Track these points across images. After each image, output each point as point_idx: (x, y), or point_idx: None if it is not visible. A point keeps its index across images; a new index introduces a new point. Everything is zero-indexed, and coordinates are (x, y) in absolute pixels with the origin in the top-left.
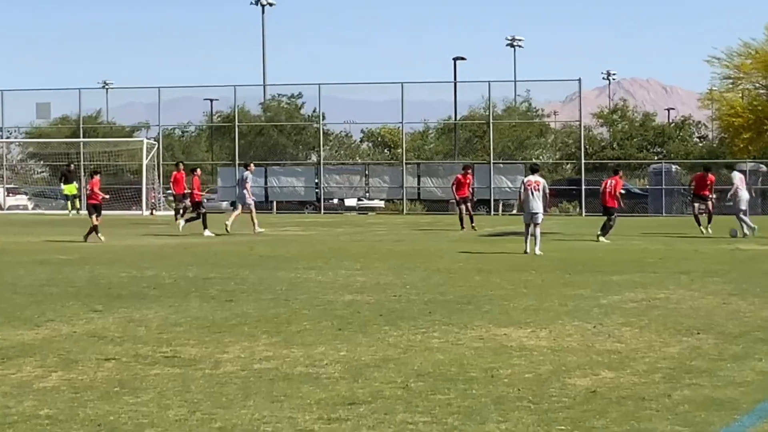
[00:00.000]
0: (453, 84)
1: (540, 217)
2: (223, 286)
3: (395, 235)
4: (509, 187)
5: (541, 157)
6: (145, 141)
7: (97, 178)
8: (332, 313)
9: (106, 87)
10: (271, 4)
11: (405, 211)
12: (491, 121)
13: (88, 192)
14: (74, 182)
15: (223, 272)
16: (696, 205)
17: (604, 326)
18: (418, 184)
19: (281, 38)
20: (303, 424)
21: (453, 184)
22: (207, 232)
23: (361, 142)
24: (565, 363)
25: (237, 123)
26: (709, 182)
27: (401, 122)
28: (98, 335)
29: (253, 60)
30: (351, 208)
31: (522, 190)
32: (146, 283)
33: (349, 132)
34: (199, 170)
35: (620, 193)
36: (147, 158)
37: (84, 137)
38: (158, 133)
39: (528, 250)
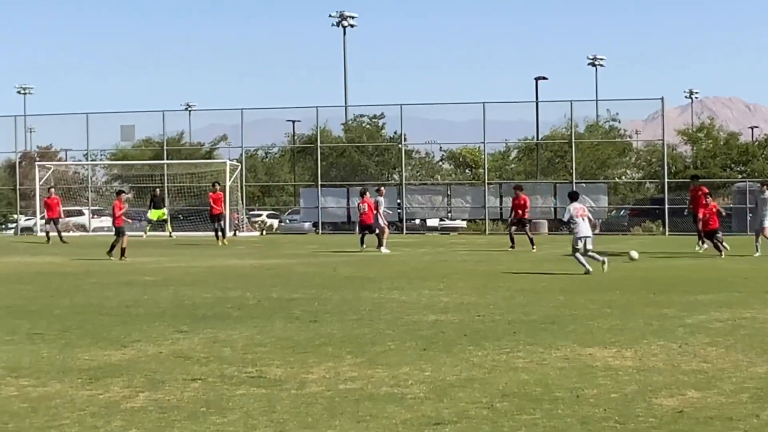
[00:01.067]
0: (535, 103)
1: (591, 241)
2: (307, 306)
3: (478, 256)
4: (592, 207)
5: (623, 176)
6: (228, 162)
7: (120, 198)
8: (416, 334)
9: (189, 109)
10: (352, 26)
11: (487, 231)
12: (573, 140)
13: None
14: (162, 207)
15: (306, 293)
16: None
17: (690, 346)
18: (501, 203)
19: (363, 59)
20: None
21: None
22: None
23: (442, 162)
24: (651, 383)
25: (319, 144)
26: None
27: (483, 142)
28: (184, 356)
29: (335, 81)
30: (433, 229)
31: (571, 217)
32: (230, 303)
33: (430, 152)
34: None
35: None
36: (230, 179)
37: (167, 159)
38: (241, 155)
39: (590, 269)
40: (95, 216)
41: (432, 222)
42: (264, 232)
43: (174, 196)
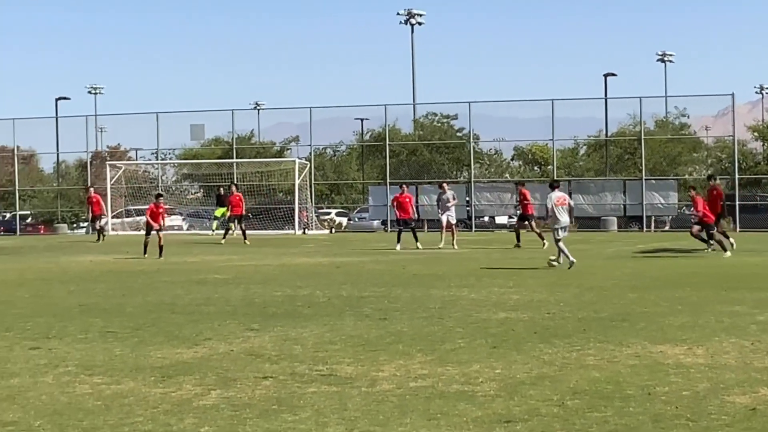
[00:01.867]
0: (604, 100)
1: (567, 230)
2: (376, 304)
3: (547, 252)
4: (661, 204)
5: (693, 173)
6: (297, 161)
7: (154, 204)
8: (486, 331)
9: (258, 108)
10: (420, 24)
11: None
12: (643, 137)
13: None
14: (227, 205)
15: (376, 291)
16: None
17: (762, 343)
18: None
19: (431, 57)
20: None
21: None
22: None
23: (512, 159)
24: (723, 380)
25: (388, 142)
26: None
27: (552, 139)
28: (255, 354)
29: (403, 79)
30: (502, 226)
31: (553, 206)
32: (301, 301)
33: (499, 149)
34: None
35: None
36: (299, 178)
37: (236, 158)
38: (310, 153)
39: (573, 260)
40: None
41: (501, 219)
42: (333, 230)
43: (243, 194)
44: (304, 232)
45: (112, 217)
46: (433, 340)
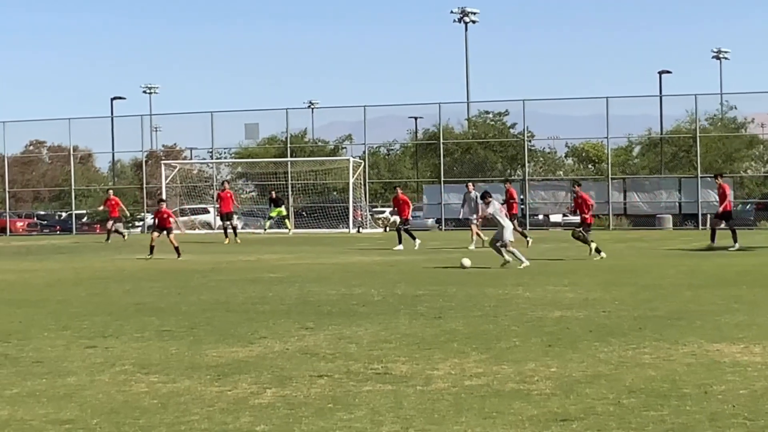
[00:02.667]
0: (658, 98)
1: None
2: (431, 303)
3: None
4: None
5: (749, 170)
6: (351, 159)
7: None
8: (542, 330)
9: (312, 107)
10: (474, 22)
11: (611, 227)
12: (698, 134)
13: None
14: (282, 205)
15: (431, 289)
16: None
17: None
18: (624, 199)
19: (485, 55)
20: None
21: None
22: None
23: (565, 157)
24: None
25: (442, 140)
26: None
27: (606, 137)
28: (310, 352)
29: (457, 77)
30: (556, 224)
31: (497, 211)
32: (355, 300)
33: (552, 147)
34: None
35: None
36: (353, 177)
37: (291, 156)
38: (364, 152)
39: (510, 260)
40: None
41: (555, 218)
42: (387, 229)
43: (297, 193)
44: (358, 231)
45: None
46: (488, 339)
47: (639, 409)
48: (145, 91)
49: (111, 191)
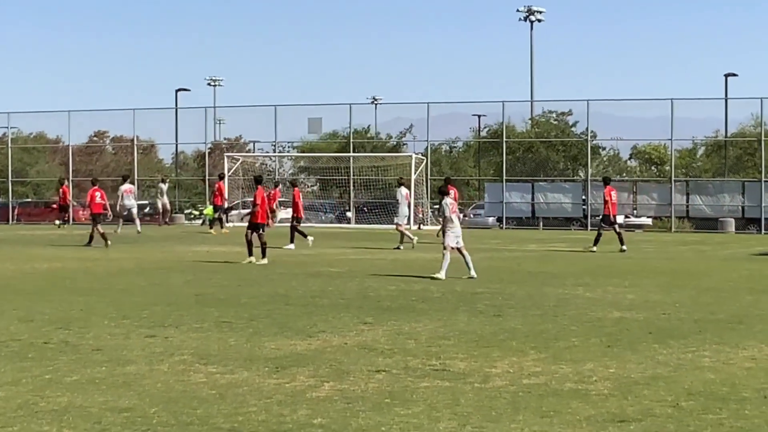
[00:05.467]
0: (724, 100)
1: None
2: (490, 300)
3: (663, 253)
4: None
5: None
6: (414, 156)
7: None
8: (601, 330)
9: (376, 102)
10: (539, 21)
11: (673, 229)
12: (763, 138)
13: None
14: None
15: (490, 287)
16: None
17: None
18: (687, 201)
19: (550, 54)
20: None
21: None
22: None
23: (629, 158)
24: None
25: (505, 138)
26: None
27: (670, 139)
28: (369, 347)
29: (521, 76)
30: (619, 225)
31: (448, 214)
32: (414, 296)
33: (616, 148)
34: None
35: None
36: (415, 173)
37: (353, 152)
38: (426, 148)
39: (444, 277)
40: (282, 208)
41: (617, 219)
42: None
43: (359, 188)
44: (419, 227)
45: (229, 209)
46: (547, 338)
47: (697, 412)
48: (209, 84)
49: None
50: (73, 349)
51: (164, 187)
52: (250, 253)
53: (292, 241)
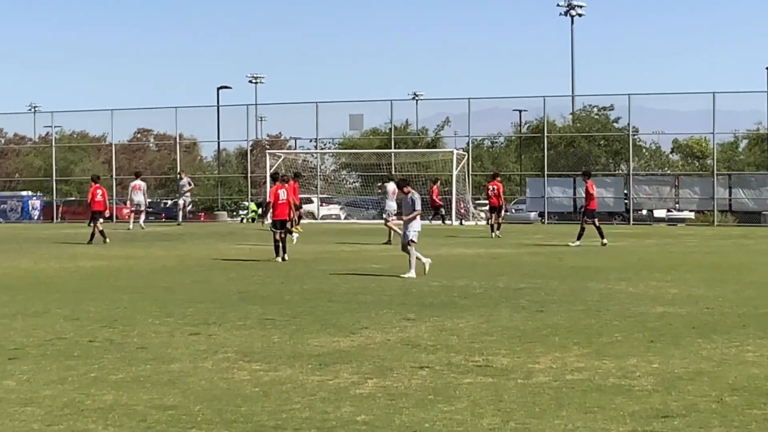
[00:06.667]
0: (766, 93)
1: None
2: (533, 296)
3: (706, 247)
4: None
5: None
6: (455, 151)
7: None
8: (644, 325)
9: (416, 98)
10: (580, 15)
11: (716, 223)
12: None
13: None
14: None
15: (532, 282)
16: None
17: None
18: (730, 195)
19: (590, 48)
20: None
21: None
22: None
23: (671, 152)
24: None
25: (546, 133)
26: None
27: (712, 132)
28: (412, 343)
29: (562, 70)
30: (660, 219)
31: (419, 207)
32: (457, 292)
33: (657, 143)
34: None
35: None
36: (457, 168)
37: (394, 148)
38: (467, 144)
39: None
40: (323, 204)
41: (659, 213)
42: (488, 221)
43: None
44: (461, 223)
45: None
46: (590, 333)
47: (742, 407)
48: (251, 81)
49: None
50: (118, 347)
51: (182, 182)
52: (277, 253)
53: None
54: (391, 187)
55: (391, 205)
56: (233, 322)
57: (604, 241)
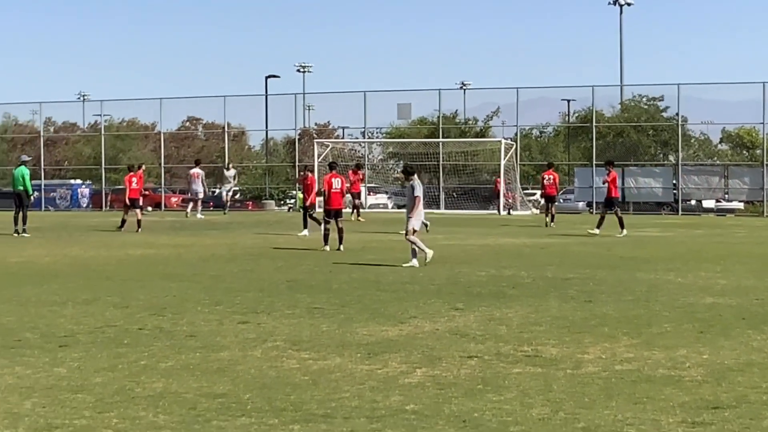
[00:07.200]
0: None
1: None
2: (581, 286)
3: (756, 238)
4: None
5: None
6: (503, 141)
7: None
8: (693, 316)
9: (464, 88)
10: (629, 4)
11: (765, 213)
12: None
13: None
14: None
15: (581, 272)
16: None
17: None
18: None
19: (639, 38)
20: (666, 427)
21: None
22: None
23: (720, 142)
24: None
25: (594, 123)
26: None
27: (762, 122)
28: (460, 333)
29: (611, 60)
30: (709, 210)
31: (419, 193)
32: (505, 282)
33: (706, 133)
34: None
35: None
36: (505, 158)
37: (442, 137)
38: (516, 134)
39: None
40: (371, 193)
41: (708, 203)
42: (538, 211)
43: (448, 173)
44: (508, 213)
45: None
46: (639, 324)
47: None
48: (299, 70)
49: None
50: (168, 335)
51: (229, 174)
52: (326, 242)
53: (305, 227)
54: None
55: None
56: (282, 310)
57: (624, 231)
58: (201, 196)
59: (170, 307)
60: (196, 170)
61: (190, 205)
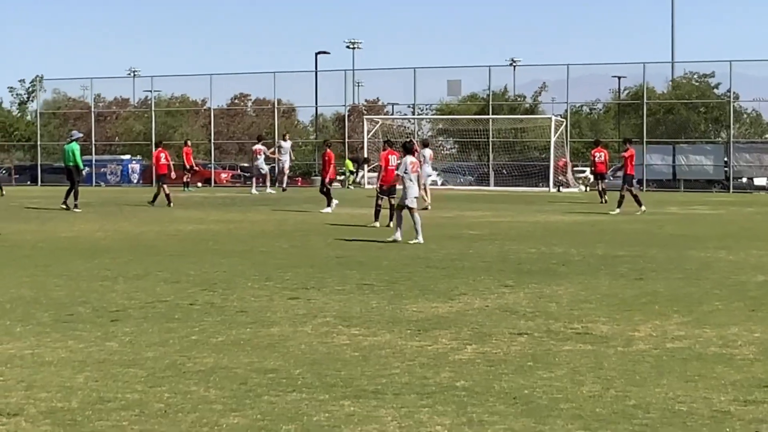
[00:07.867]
0: None
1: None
2: (632, 264)
3: None
4: None
5: None
6: (553, 118)
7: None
8: (745, 294)
9: (514, 64)
10: None
11: None
12: None
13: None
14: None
15: (631, 250)
16: None
17: None
18: None
19: (691, 14)
20: (718, 405)
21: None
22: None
23: None
24: None
25: (645, 100)
26: None
27: None
28: (510, 310)
29: (662, 36)
30: (761, 188)
31: (406, 171)
32: (555, 259)
33: (758, 110)
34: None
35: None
36: (555, 135)
37: (492, 114)
38: (566, 110)
39: (400, 239)
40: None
41: (759, 181)
42: (588, 189)
43: (498, 150)
44: (558, 190)
45: (369, 171)
46: (690, 302)
47: None
48: (348, 46)
49: (189, 142)
50: (218, 310)
51: (285, 145)
52: (377, 218)
53: (329, 205)
54: (428, 152)
55: (426, 169)
56: (332, 286)
57: (643, 208)
58: (264, 171)
59: (221, 283)
60: (259, 146)
61: (255, 181)
